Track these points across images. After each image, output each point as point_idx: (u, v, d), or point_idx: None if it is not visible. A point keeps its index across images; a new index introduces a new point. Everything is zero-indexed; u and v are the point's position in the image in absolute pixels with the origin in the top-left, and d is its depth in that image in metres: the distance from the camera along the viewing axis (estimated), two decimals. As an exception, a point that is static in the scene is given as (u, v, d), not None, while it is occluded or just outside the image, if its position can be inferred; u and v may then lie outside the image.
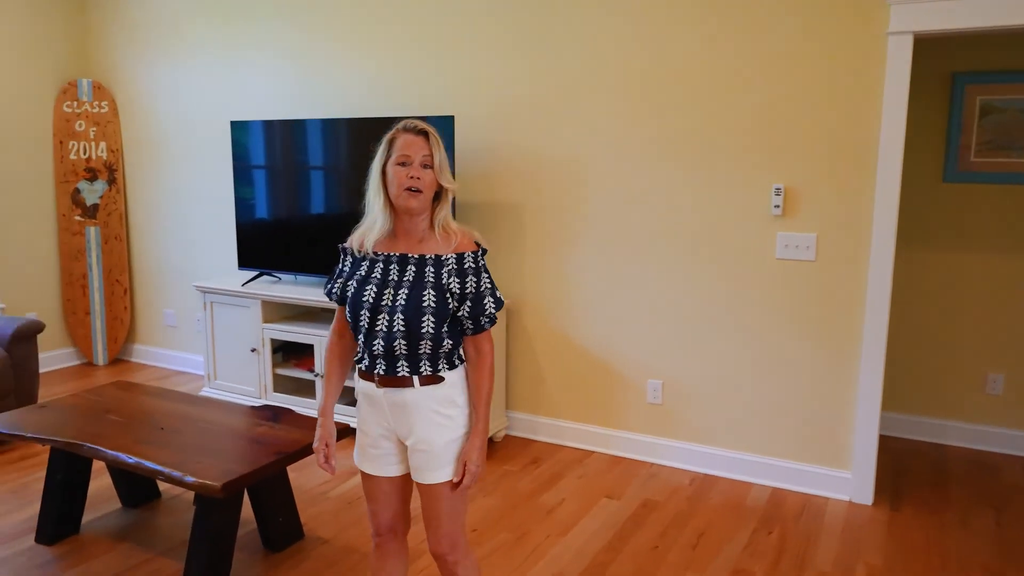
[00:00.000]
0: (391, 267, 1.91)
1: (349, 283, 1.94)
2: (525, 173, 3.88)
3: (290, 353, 4.36)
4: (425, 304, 1.85)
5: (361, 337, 1.91)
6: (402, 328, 1.85)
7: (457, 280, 1.89)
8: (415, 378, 1.89)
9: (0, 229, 4.94)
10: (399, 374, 1.89)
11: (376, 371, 1.90)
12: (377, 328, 1.88)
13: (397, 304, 1.87)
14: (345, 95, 4.34)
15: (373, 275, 1.91)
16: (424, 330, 1.85)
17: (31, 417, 2.93)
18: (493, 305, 1.93)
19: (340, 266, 2.01)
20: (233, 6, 4.66)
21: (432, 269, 1.89)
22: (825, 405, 3.36)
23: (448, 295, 1.88)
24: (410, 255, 1.91)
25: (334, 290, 1.99)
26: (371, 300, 1.88)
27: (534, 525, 3.10)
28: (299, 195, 4.22)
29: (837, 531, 3.07)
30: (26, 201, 5.08)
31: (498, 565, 2.79)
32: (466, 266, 1.90)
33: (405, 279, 1.89)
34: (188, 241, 5.15)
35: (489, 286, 1.93)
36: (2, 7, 4.82)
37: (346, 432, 2.55)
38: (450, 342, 1.90)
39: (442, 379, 1.91)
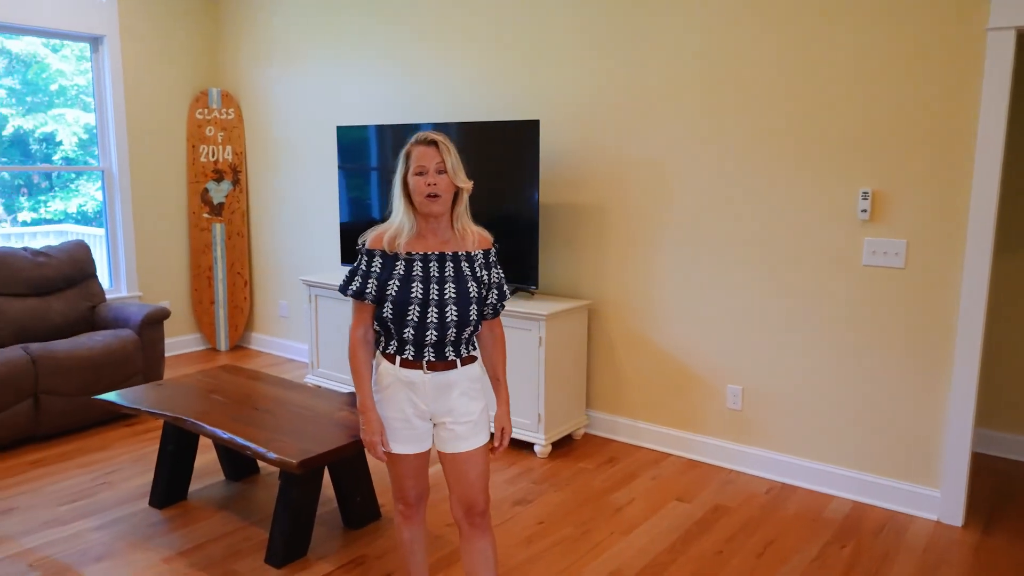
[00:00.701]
0: (430, 264, 2.08)
1: (389, 282, 2.06)
2: (609, 176, 3.93)
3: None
4: (471, 295, 2.09)
5: (409, 330, 2.05)
6: (455, 318, 2.06)
7: (486, 272, 2.16)
8: (458, 360, 2.12)
9: (141, 226, 5.49)
10: (448, 358, 2.10)
11: (425, 358, 2.08)
12: (428, 320, 2.05)
13: (447, 297, 2.06)
14: (440, 101, 4.54)
15: (414, 272, 2.06)
16: (471, 317, 2.10)
17: (150, 393, 3.28)
18: (509, 292, 2.26)
19: (365, 267, 2.09)
20: (342, 21, 4.96)
21: (467, 264, 2.12)
22: (914, 419, 3.22)
23: (482, 286, 2.13)
24: (446, 252, 2.09)
25: (367, 290, 2.07)
26: (420, 295, 2.05)
27: (600, 522, 3.15)
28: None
29: (918, 551, 2.94)
30: (163, 200, 5.61)
31: (558, 557, 2.87)
32: (491, 260, 2.19)
33: (447, 274, 2.08)
34: (300, 238, 5.53)
35: (504, 276, 2.24)
36: (147, 26, 5.35)
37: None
38: (479, 326, 2.18)
39: (475, 358, 2.19)
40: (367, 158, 4.55)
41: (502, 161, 3.98)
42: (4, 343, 4.19)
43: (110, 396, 3.20)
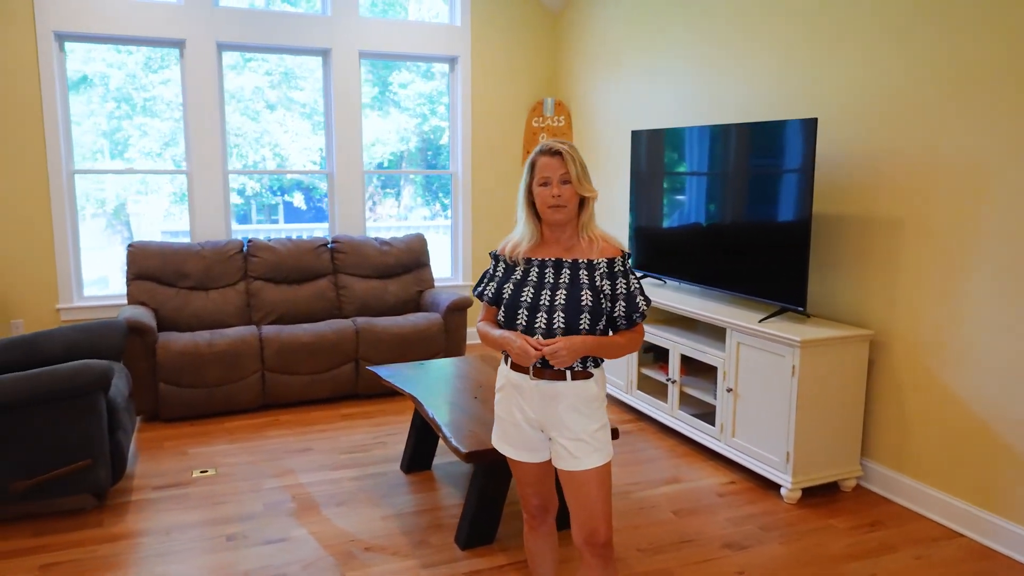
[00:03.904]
0: (546, 271, 2.06)
1: (505, 286, 2.10)
2: (906, 184, 3.25)
3: (660, 356, 4.47)
4: (583, 303, 2.01)
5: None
6: (562, 325, 2.00)
7: (609, 282, 2.04)
8: (567, 372, 2.03)
9: (478, 223, 6.15)
10: (555, 367, 2.02)
11: (533, 363, 2.03)
12: (536, 325, 2.02)
13: (556, 303, 2.02)
14: (720, 103, 4.22)
15: (529, 278, 2.07)
16: (581, 327, 2.00)
17: (407, 371, 3.70)
18: (644, 303, 2.08)
19: (491, 271, 2.18)
20: (651, 30, 4.91)
21: (585, 272, 2.04)
22: None
23: (602, 296, 2.02)
24: (564, 260, 2.06)
25: (486, 292, 2.17)
26: (529, 300, 2.04)
27: (813, 591, 2.67)
28: (688, 202, 4.27)
29: None
30: (498, 201, 6.22)
31: (737, 616, 2.52)
32: (616, 270, 2.05)
33: (561, 281, 2.04)
34: (609, 241, 5.63)
35: (638, 286, 2.08)
36: (495, 44, 5.97)
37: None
38: None
39: (591, 375, 2.06)
40: (655, 162, 4.45)
41: (772, 165, 3.56)
42: (348, 315, 5.10)
43: (375, 367, 3.70)
